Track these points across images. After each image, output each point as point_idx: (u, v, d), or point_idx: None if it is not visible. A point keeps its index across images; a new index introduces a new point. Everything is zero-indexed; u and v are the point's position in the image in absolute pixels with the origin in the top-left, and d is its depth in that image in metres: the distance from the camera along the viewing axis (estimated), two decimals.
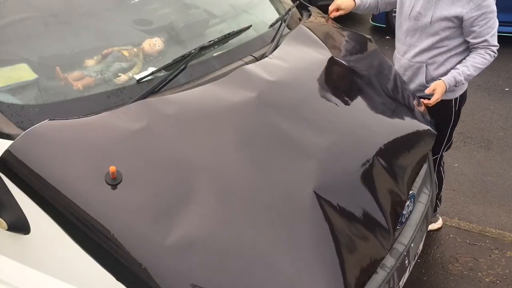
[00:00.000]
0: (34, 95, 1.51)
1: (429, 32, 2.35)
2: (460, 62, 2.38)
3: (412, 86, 2.46)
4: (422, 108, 2.20)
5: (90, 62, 1.69)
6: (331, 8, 2.48)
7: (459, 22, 2.28)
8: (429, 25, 2.33)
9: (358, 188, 1.57)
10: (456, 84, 2.30)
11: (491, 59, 2.33)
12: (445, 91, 2.30)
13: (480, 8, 2.23)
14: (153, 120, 1.45)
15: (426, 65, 2.41)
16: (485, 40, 2.28)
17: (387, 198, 1.64)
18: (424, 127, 2.08)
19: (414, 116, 2.07)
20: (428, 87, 2.33)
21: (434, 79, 2.38)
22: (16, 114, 1.42)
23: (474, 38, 2.29)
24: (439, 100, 2.29)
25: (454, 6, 2.26)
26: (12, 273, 1.46)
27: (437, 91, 2.27)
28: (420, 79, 2.43)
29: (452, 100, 2.47)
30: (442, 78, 2.30)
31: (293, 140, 1.59)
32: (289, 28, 2.25)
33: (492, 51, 2.32)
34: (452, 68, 2.37)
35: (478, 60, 2.31)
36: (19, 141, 1.29)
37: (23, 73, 1.55)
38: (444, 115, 2.49)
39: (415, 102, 2.18)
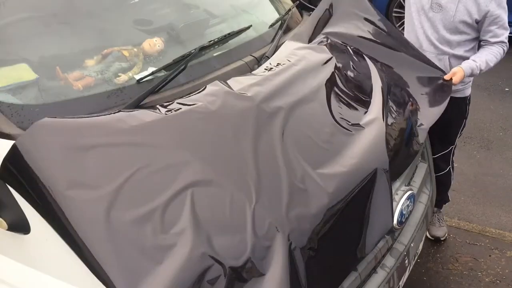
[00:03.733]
0: (34, 95, 1.51)
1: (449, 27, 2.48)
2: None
3: None
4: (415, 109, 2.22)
5: (90, 62, 1.69)
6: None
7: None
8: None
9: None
10: (471, 75, 2.43)
11: (503, 55, 2.48)
12: (463, 78, 2.38)
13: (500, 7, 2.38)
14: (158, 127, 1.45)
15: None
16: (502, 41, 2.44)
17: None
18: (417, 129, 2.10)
19: (409, 118, 2.07)
20: None
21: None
22: (16, 114, 1.42)
23: (491, 37, 2.43)
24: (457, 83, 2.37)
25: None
26: (12, 273, 1.46)
27: (458, 75, 2.33)
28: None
29: (468, 96, 2.70)
30: (462, 65, 2.38)
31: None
32: (289, 28, 2.25)
33: (506, 47, 2.48)
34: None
35: (492, 58, 2.44)
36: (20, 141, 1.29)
37: (23, 73, 1.55)
38: (462, 109, 2.68)
39: (410, 103, 2.18)
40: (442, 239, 2.90)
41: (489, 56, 2.41)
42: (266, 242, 1.33)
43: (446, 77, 2.30)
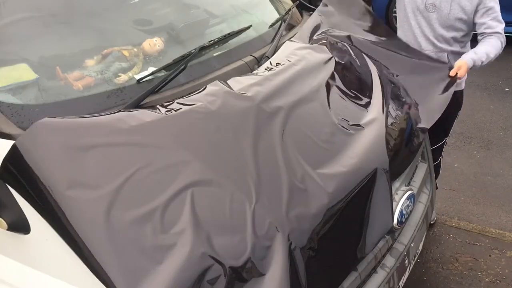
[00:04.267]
0: (34, 95, 1.51)
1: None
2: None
3: None
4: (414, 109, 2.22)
5: (90, 62, 1.69)
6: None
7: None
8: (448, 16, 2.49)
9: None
10: (473, 67, 2.42)
11: (502, 47, 2.47)
12: (467, 71, 2.38)
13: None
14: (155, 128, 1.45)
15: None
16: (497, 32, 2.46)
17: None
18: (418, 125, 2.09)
19: (410, 118, 2.07)
20: None
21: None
22: (16, 114, 1.42)
23: (486, 29, 2.45)
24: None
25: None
26: (12, 272, 1.46)
27: (463, 69, 2.34)
28: None
29: (463, 89, 2.70)
30: (464, 58, 2.39)
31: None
32: (289, 28, 2.25)
33: (503, 39, 2.48)
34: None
35: (492, 49, 2.43)
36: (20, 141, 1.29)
37: (23, 73, 1.55)
38: (459, 102, 2.70)
39: (411, 103, 2.18)
40: (431, 222, 3.01)
41: (488, 48, 2.43)
42: (266, 242, 1.33)
43: (451, 73, 2.31)
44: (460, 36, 2.53)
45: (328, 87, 1.89)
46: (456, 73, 2.31)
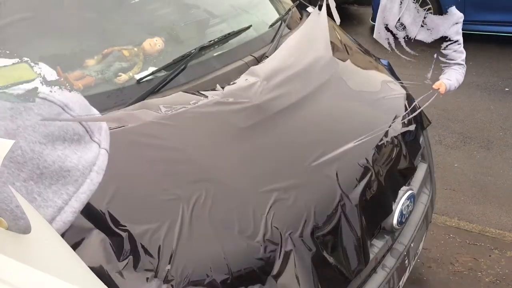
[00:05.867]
0: None
1: None
2: None
3: None
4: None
5: (90, 62, 1.69)
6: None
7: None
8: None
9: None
10: (448, 91, 2.49)
11: (464, 74, 2.61)
12: (445, 91, 2.44)
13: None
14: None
15: None
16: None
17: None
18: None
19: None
20: None
21: None
22: None
23: (448, 59, 2.57)
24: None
25: None
26: (12, 272, 1.46)
27: (442, 88, 2.39)
28: None
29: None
30: (442, 81, 2.44)
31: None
32: (289, 28, 2.25)
33: (464, 68, 2.61)
34: None
35: (460, 77, 2.55)
36: None
37: (23, 72, 1.55)
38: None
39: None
40: None
41: (458, 76, 2.54)
42: (269, 243, 1.33)
43: (435, 86, 2.36)
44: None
45: (331, 86, 1.89)
46: (438, 88, 2.34)
